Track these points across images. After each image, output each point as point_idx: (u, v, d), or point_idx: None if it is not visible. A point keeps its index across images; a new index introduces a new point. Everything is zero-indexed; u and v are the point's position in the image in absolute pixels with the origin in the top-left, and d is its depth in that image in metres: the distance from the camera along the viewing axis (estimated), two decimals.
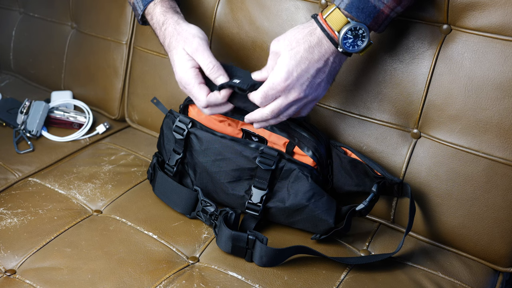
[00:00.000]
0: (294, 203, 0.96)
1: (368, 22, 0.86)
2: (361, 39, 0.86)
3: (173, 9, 1.04)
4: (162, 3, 1.04)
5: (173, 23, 1.01)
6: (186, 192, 1.03)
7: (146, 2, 1.05)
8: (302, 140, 1.00)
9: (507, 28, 0.89)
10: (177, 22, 1.01)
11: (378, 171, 0.97)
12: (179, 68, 0.98)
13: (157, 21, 1.03)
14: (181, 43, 0.98)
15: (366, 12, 0.85)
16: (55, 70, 1.44)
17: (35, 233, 0.98)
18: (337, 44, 0.86)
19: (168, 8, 1.04)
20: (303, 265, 0.94)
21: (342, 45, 0.86)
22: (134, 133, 1.34)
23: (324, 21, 0.86)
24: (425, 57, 0.96)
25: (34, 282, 0.89)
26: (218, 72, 0.95)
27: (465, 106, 0.93)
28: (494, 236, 0.95)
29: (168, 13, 1.03)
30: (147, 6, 1.05)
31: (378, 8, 0.85)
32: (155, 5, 1.04)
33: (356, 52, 0.87)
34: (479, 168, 0.93)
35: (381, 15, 0.86)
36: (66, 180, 1.13)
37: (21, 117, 1.28)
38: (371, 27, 0.87)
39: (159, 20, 1.03)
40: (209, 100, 0.95)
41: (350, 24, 0.85)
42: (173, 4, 1.06)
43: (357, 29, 0.85)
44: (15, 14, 1.53)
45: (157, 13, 1.03)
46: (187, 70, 0.97)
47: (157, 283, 0.89)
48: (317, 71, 0.88)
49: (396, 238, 1.03)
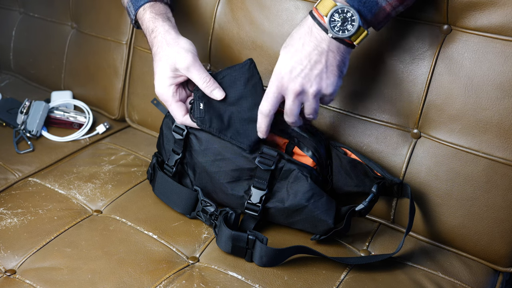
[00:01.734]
0: (294, 203, 0.96)
1: (368, 16, 0.84)
2: (351, 23, 0.83)
3: (163, 16, 1.02)
4: (151, 9, 1.02)
5: (163, 32, 0.99)
6: (186, 192, 1.03)
7: (136, 7, 1.04)
8: (302, 140, 1.00)
9: (507, 28, 0.89)
10: (167, 32, 0.99)
11: (378, 172, 0.97)
12: (159, 83, 0.99)
13: (146, 27, 1.02)
14: (171, 57, 0.96)
15: (368, 7, 0.84)
16: (55, 70, 1.44)
17: (35, 233, 0.98)
18: (326, 30, 0.85)
19: (158, 15, 1.02)
20: (303, 265, 0.94)
21: (331, 29, 0.84)
22: (134, 133, 1.34)
23: (315, 9, 0.86)
24: (425, 57, 0.96)
25: (34, 282, 0.90)
26: (213, 85, 0.97)
27: (465, 106, 0.93)
28: (494, 236, 0.95)
29: (157, 20, 1.01)
30: (137, 11, 1.04)
31: (380, 5, 0.84)
32: (144, 10, 1.03)
33: (347, 37, 0.84)
34: (479, 168, 0.93)
35: (382, 12, 0.85)
36: (66, 180, 1.13)
37: (21, 117, 1.28)
38: (370, 23, 0.86)
39: (148, 27, 1.02)
40: (185, 122, 0.99)
41: (336, 6, 0.83)
42: (163, 9, 1.03)
43: (344, 11, 0.83)
44: (15, 14, 1.53)
45: (146, 19, 1.02)
46: (166, 87, 0.98)
47: (157, 283, 0.89)
48: (313, 62, 0.86)
49: (396, 238, 1.03)
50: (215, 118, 0.98)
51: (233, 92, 0.98)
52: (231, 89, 0.98)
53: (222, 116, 0.98)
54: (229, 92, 0.98)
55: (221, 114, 0.98)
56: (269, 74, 1.05)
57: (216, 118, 0.98)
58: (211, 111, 0.98)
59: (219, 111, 0.98)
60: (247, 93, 0.98)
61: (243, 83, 0.98)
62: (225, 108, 0.98)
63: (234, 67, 0.99)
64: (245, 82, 0.98)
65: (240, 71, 0.98)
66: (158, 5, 1.03)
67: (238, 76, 0.98)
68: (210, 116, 0.98)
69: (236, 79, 0.98)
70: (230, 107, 0.98)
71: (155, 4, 1.03)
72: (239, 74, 0.98)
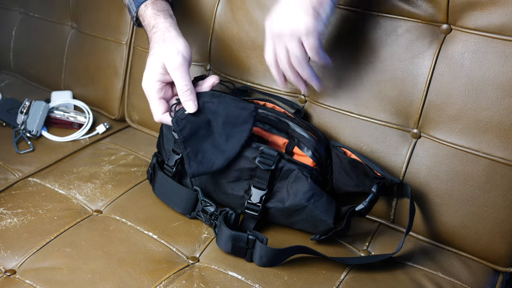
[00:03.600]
0: (294, 203, 0.96)
1: None
2: None
3: (165, 12, 1.02)
4: (153, 5, 1.02)
5: (163, 29, 0.99)
6: (186, 192, 1.03)
7: (138, 4, 1.03)
8: (302, 140, 1.00)
9: (507, 28, 0.89)
10: (167, 29, 0.99)
11: (378, 172, 0.97)
12: (146, 77, 0.98)
13: (148, 23, 1.02)
14: (162, 54, 0.96)
15: None
16: (55, 70, 1.44)
17: (35, 233, 0.98)
18: None
19: (160, 11, 1.02)
20: (303, 265, 0.94)
21: None
22: (134, 133, 1.34)
23: None
24: (425, 57, 0.96)
25: (34, 282, 0.90)
26: (189, 96, 0.95)
27: (465, 106, 0.93)
28: (494, 236, 0.95)
29: (159, 16, 1.01)
30: (139, 8, 1.03)
31: None
32: (146, 7, 1.02)
33: None
34: (479, 168, 0.93)
35: None
36: (66, 180, 1.13)
37: (21, 117, 1.28)
38: None
39: (149, 23, 1.01)
40: (162, 120, 0.98)
41: None
42: (165, 6, 1.03)
43: None
44: (15, 14, 1.53)
45: (148, 15, 1.02)
46: (153, 82, 0.97)
47: (157, 283, 0.89)
48: (287, 6, 0.90)
49: (396, 238, 1.02)
50: (189, 129, 0.95)
51: (217, 119, 0.96)
52: (216, 115, 0.96)
53: (197, 132, 0.96)
54: (213, 116, 0.96)
55: (198, 130, 0.96)
56: (269, 74, 1.06)
57: (191, 129, 0.95)
58: (192, 120, 0.96)
59: (198, 126, 0.96)
60: (228, 127, 0.95)
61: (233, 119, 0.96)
62: (205, 127, 0.96)
63: (237, 102, 0.96)
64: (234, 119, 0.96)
65: (240, 110, 0.96)
66: (159, 2, 1.03)
67: (235, 112, 0.96)
68: (187, 124, 0.95)
69: (230, 113, 0.95)
70: (210, 129, 0.96)
71: (156, 1, 1.03)
72: (236, 111, 0.96)
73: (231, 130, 0.96)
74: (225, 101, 0.96)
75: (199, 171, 0.95)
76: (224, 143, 0.95)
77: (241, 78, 1.14)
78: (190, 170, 0.95)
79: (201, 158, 0.96)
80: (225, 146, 0.95)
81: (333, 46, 1.03)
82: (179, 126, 0.95)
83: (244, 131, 0.96)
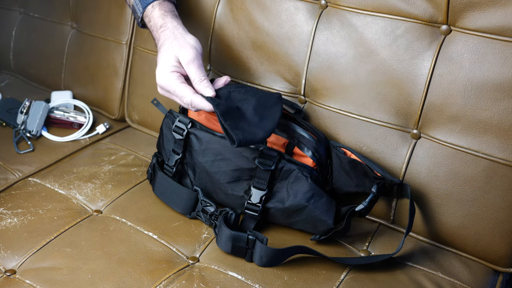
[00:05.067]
0: (294, 203, 0.96)
1: None
2: None
3: (172, 13, 1.04)
4: (160, 6, 1.04)
5: (172, 28, 1.01)
6: (186, 192, 1.03)
7: (145, 5, 1.05)
8: (302, 140, 1.00)
9: (507, 29, 0.89)
10: (176, 27, 1.01)
11: (377, 172, 0.97)
12: (161, 72, 0.97)
13: (154, 23, 1.03)
14: (176, 49, 0.97)
15: None
16: (55, 70, 1.44)
17: (35, 233, 0.98)
18: None
19: (167, 12, 1.04)
20: (303, 265, 0.94)
21: None
22: (134, 133, 1.34)
23: None
24: (425, 57, 0.96)
25: (34, 282, 0.90)
26: (207, 84, 0.96)
27: (465, 106, 0.93)
28: (494, 237, 0.95)
29: (167, 16, 1.03)
30: (146, 8, 1.05)
31: None
32: (153, 7, 1.04)
33: None
34: (479, 168, 0.94)
35: None
36: (66, 180, 1.13)
37: (21, 117, 1.28)
38: None
39: (157, 23, 1.03)
40: (193, 100, 0.95)
41: None
42: (171, 7, 1.05)
43: None
44: (15, 14, 1.53)
45: (155, 16, 1.03)
46: (169, 73, 0.97)
47: (157, 283, 0.89)
48: None
49: (396, 239, 1.03)
50: (224, 106, 0.95)
51: (247, 104, 0.97)
52: (245, 102, 0.98)
53: (231, 112, 0.95)
54: (242, 103, 0.97)
55: (231, 111, 0.95)
56: (270, 75, 1.06)
57: (226, 107, 0.95)
58: (224, 103, 0.95)
59: (230, 108, 0.96)
60: (260, 110, 0.97)
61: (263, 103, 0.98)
62: (236, 111, 0.96)
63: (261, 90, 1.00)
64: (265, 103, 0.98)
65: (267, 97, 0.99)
66: (166, 3, 1.05)
67: (263, 97, 0.99)
68: (220, 103, 0.95)
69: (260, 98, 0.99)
70: (240, 113, 0.97)
71: (163, 2, 1.05)
72: (264, 97, 0.99)
73: (263, 112, 0.97)
74: (252, 90, 0.99)
75: (245, 138, 0.91)
76: (258, 123, 0.95)
77: (241, 78, 1.14)
78: (236, 137, 0.90)
79: (242, 130, 0.93)
80: (261, 124, 0.95)
81: (333, 46, 1.03)
82: (215, 102, 0.94)
83: (276, 112, 0.97)
